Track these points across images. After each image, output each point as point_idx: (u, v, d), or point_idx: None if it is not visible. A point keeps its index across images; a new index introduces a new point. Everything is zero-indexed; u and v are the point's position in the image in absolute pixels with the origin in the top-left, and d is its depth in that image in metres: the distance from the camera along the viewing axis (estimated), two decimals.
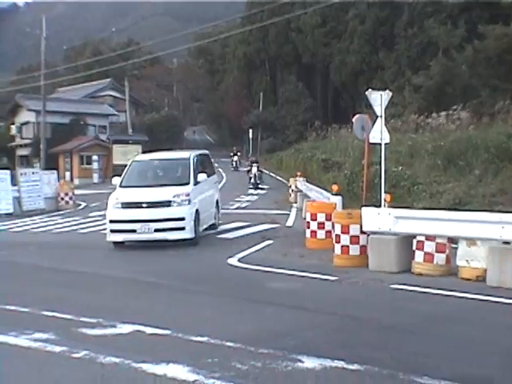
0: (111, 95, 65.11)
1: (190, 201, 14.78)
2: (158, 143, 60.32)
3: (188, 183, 15.41)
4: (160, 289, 10.19)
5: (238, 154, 51.84)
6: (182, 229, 14.53)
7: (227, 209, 23.59)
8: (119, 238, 14.75)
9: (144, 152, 51.49)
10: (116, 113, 60.36)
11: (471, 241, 10.07)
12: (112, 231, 14.73)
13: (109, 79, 64.59)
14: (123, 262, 13.11)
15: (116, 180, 16.14)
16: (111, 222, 14.79)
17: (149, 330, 7.26)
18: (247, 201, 27.33)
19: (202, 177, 15.96)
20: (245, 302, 9.05)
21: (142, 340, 7.00)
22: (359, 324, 7.71)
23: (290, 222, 19.51)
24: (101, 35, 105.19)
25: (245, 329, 7.45)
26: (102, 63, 55.49)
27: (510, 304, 8.51)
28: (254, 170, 34.50)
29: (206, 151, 19.85)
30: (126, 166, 16.91)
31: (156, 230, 14.45)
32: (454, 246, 10.66)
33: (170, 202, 14.66)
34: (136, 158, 17.72)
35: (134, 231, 14.48)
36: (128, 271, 11.92)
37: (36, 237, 18.40)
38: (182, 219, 14.52)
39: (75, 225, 20.77)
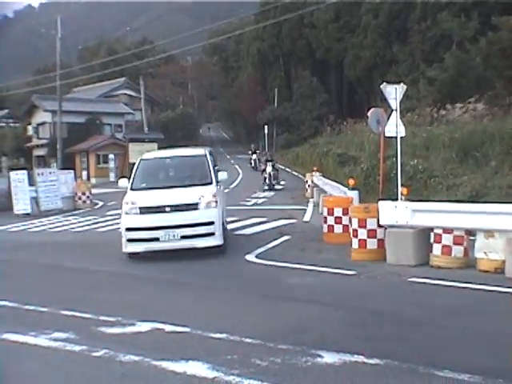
0: (126, 94, 65.36)
1: (217, 202, 12.99)
2: (173, 141, 60.39)
3: (211, 183, 13.65)
4: (178, 286, 10.23)
5: (257, 151, 47.44)
6: (212, 234, 12.75)
7: (244, 205, 23.60)
8: (139, 248, 12.75)
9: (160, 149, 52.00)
10: (131, 111, 60.58)
11: (489, 233, 10.01)
12: (129, 241, 12.75)
13: (124, 78, 64.85)
14: (141, 260, 13.13)
15: (123, 182, 14.34)
16: (128, 230, 12.75)
17: (168, 328, 7.29)
18: (264, 197, 27.30)
19: (222, 175, 14.38)
20: (263, 298, 9.05)
21: (161, 338, 7.03)
22: (378, 318, 7.68)
23: (306, 217, 19.47)
24: (115, 35, 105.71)
25: (263, 325, 7.46)
26: (116, 62, 55.78)
27: None
28: (269, 168, 30.75)
29: (210, 148, 18.18)
30: None
31: (183, 237, 12.63)
32: (471, 238, 10.60)
33: (197, 204, 12.80)
34: (144, 157, 15.25)
35: (156, 239, 12.60)
36: (146, 269, 11.97)
37: (54, 236, 18.50)
38: (212, 223, 12.71)
39: (93, 224, 20.86)
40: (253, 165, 45.45)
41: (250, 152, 48.11)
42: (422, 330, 7.07)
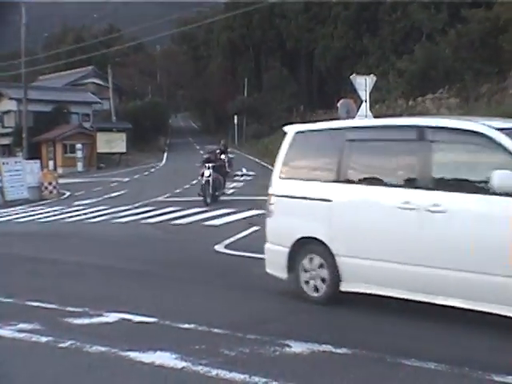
0: (94, 83, 64.78)
1: None
2: (142, 131, 60.20)
3: None
4: (147, 277, 10.13)
5: (229, 150, 33.01)
6: None
7: None
8: None
9: (129, 140, 51.71)
10: (99, 100, 60.02)
11: None
12: None
13: (91, 67, 64.22)
14: (108, 250, 13.03)
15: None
16: None
17: (135, 318, 7.21)
18: (234, 187, 27.26)
19: None
20: (232, 289, 9.02)
21: (129, 328, 6.95)
22: (347, 308, 7.70)
23: None
24: (82, 22, 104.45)
25: (232, 315, 7.43)
26: (83, 50, 55.19)
27: None
28: (207, 172, 20.87)
29: None
30: (110, 154, 15.78)
31: None
32: None
33: None
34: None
35: None
36: (113, 259, 11.85)
37: (19, 227, 18.28)
38: None
39: (60, 214, 20.64)
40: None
41: (217, 151, 26.33)
42: (391, 320, 7.08)
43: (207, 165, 21.16)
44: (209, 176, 20.60)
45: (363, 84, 15.95)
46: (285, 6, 63.44)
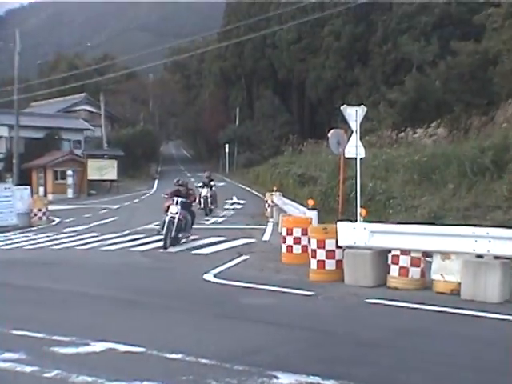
0: (86, 110, 64.90)
1: None
2: (133, 158, 60.24)
3: None
4: (135, 306, 10.07)
5: (212, 182, 28.89)
6: None
7: (203, 224, 23.49)
8: None
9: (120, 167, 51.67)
10: (91, 127, 60.06)
11: (445, 255, 10.12)
12: None
13: (84, 94, 64.36)
14: (97, 278, 12.94)
15: None
16: None
17: (123, 348, 7.14)
18: (224, 216, 27.24)
19: None
20: (220, 319, 8.96)
21: (116, 358, 6.89)
22: (335, 339, 7.68)
23: (266, 237, 19.46)
24: (76, 50, 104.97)
25: (220, 345, 7.37)
26: (77, 78, 55.40)
27: (482, 317, 8.55)
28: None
29: None
30: (101, 180, 15.77)
31: None
32: (428, 259, 10.71)
33: None
34: None
35: None
36: (102, 288, 11.77)
37: (8, 253, 18.14)
38: None
39: (48, 241, 20.49)
40: (202, 205, 27.36)
41: (200, 185, 28.65)
42: (378, 352, 7.07)
43: (176, 199, 17.57)
44: (175, 213, 17.12)
45: (353, 115, 16.02)
46: (277, 36, 63.99)
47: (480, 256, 9.86)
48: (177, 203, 17.33)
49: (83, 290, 11.54)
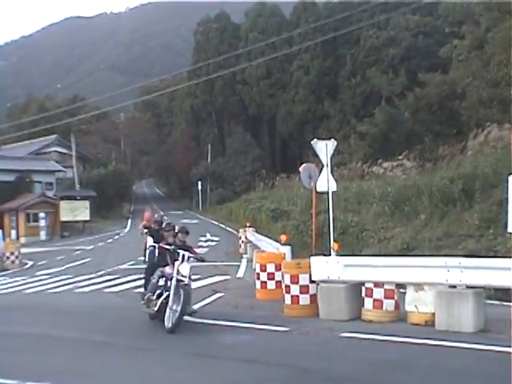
0: (57, 151, 64.47)
1: None
2: (106, 198, 59.88)
3: None
4: (111, 348, 9.94)
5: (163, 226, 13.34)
6: None
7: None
8: None
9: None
10: (63, 169, 59.66)
11: (419, 286, 10.16)
12: None
13: (54, 135, 63.99)
14: (70, 321, 12.75)
15: None
16: None
17: None
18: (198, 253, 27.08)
19: None
20: (196, 358, 8.89)
21: None
22: (311, 375, 7.65)
23: (240, 274, 19.42)
24: (46, 91, 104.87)
25: None
26: (47, 120, 55.21)
27: (457, 348, 8.57)
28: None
29: None
30: (74, 222, 14.72)
31: None
32: (402, 291, 10.74)
33: None
34: None
35: None
36: (77, 331, 11.58)
37: None
38: None
39: (21, 284, 20.20)
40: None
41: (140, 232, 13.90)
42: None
43: (182, 253, 11.44)
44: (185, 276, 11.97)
45: (324, 148, 16.16)
46: (246, 72, 64.64)
47: (453, 286, 9.92)
48: (183, 259, 11.46)
49: (56, 334, 11.37)
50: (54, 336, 11.21)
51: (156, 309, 11.15)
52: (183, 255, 11.34)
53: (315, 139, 17.04)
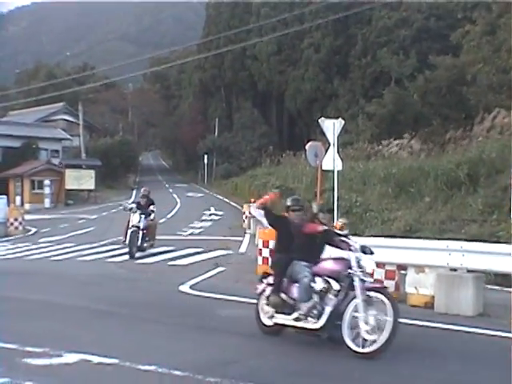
0: (65, 119, 64.44)
1: None
2: (112, 168, 59.95)
3: None
4: (110, 317, 10.01)
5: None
6: None
7: (180, 235, 23.46)
8: None
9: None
10: (69, 137, 59.67)
11: (420, 268, 10.20)
12: None
13: (62, 103, 63.94)
14: (72, 288, 12.85)
15: None
16: None
17: (96, 359, 7.11)
18: (201, 227, 27.19)
19: None
20: (194, 330, 8.95)
21: (89, 369, 6.84)
22: (307, 348, 7.70)
23: (243, 249, 19.47)
24: (55, 59, 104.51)
25: (194, 357, 7.36)
26: (55, 87, 55.12)
27: (456, 330, 8.63)
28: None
29: None
30: (78, 190, 14.78)
31: None
32: (403, 272, 10.78)
33: None
34: None
35: None
36: (77, 299, 11.68)
37: None
38: None
39: (24, 251, 20.33)
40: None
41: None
42: (352, 365, 7.09)
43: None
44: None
45: (331, 127, 16.10)
46: (257, 47, 64.27)
47: (454, 270, 9.96)
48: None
49: (57, 301, 11.46)
50: (55, 303, 11.29)
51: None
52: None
53: (322, 118, 16.98)
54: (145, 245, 17.75)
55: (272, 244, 14.06)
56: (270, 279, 8.44)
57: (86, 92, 70.80)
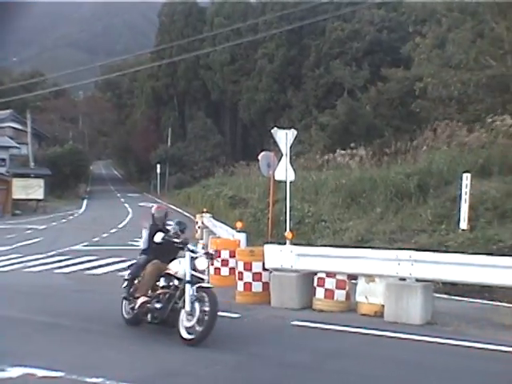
0: (12, 127, 63.21)
1: None
2: (62, 177, 58.98)
3: None
4: (55, 329, 9.77)
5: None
6: None
7: (131, 245, 23.17)
8: None
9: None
10: (17, 145, 58.53)
11: (370, 277, 10.27)
12: None
13: (9, 110, 62.70)
14: (17, 301, 12.53)
15: None
16: None
17: (40, 373, 6.92)
18: None
19: None
20: (141, 341, 8.81)
21: None
22: (258, 361, 7.66)
23: None
24: (1, 64, 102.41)
25: (142, 368, 7.24)
26: (2, 94, 53.96)
27: (405, 339, 8.69)
28: None
29: None
30: (27, 200, 14.64)
31: None
32: (354, 282, 10.83)
33: None
34: None
35: None
36: (22, 311, 11.35)
37: None
38: None
39: None
40: None
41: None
42: (302, 374, 7.08)
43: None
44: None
45: (284, 138, 16.11)
46: (210, 57, 64.29)
47: (403, 279, 10.04)
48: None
49: (1, 314, 11.14)
50: None
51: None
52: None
53: (275, 128, 16.99)
54: None
55: (223, 254, 14.03)
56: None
57: (35, 99, 69.63)
